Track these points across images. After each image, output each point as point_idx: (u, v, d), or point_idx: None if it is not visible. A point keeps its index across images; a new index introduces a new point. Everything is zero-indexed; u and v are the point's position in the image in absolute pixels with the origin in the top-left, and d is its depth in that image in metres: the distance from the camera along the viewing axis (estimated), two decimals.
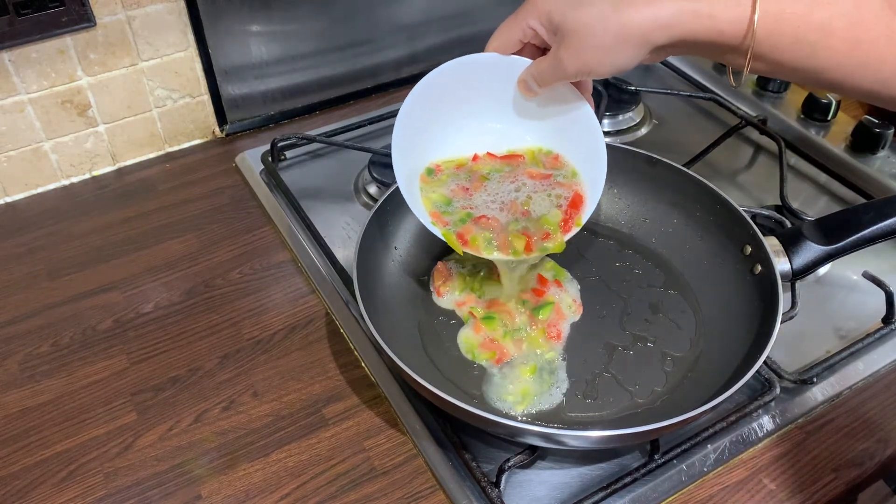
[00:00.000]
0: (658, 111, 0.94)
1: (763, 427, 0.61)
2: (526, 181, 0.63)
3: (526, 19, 0.56)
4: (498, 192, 0.63)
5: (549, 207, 0.61)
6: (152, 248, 0.77)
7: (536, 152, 0.64)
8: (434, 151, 0.64)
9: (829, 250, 0.62)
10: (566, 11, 0.52)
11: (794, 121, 0.91)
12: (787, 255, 0.62)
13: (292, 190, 0.80)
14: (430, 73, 0.61)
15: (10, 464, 0.59)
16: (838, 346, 0.66)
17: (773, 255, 0.61)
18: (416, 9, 0.94)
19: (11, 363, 0.66)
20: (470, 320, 0.65)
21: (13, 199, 0.83)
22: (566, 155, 0.63)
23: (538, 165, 0.64)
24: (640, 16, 0.49)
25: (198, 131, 0.90)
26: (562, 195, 0.62)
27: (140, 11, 0.78)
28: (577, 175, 0.63)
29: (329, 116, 0.94)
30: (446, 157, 0.64)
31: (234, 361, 0.66)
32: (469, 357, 0.63)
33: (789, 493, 0.57)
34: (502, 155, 0.64)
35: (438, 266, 0.69)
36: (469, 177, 0.63)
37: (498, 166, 0.64)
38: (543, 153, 0.64)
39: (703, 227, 0.69)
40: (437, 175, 0.64)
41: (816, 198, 0.83)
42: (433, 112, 0.62)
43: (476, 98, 0.62)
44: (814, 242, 0.62)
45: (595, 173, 0.61)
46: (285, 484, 0.58)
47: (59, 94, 0.78)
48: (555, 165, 0.64)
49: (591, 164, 0.61)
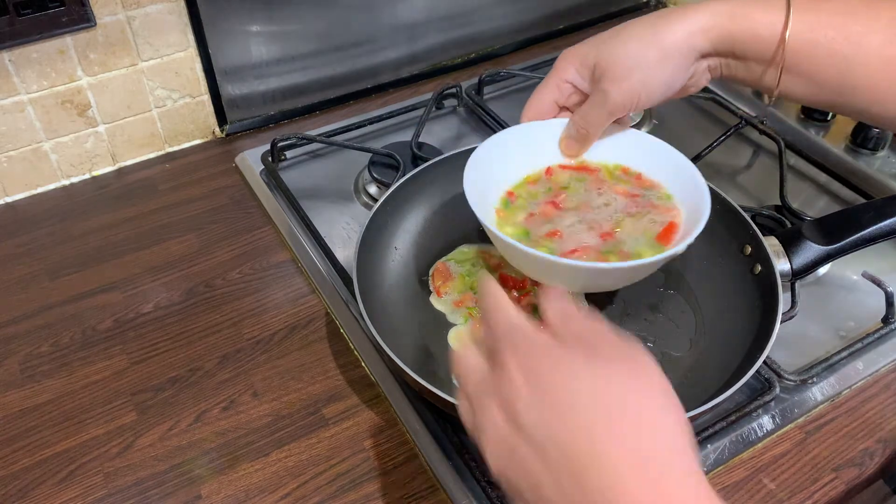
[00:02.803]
0: (658, 111, 0.94)
1: (763, 427, 0.61)
2: (615, 196, 0.59)
3: (559, 76, 0.55)
4: (583, 203, 0.58)
5: (643, 239, 0.56)
6: (152, 248, 0.77)
7: (613, 168, 0.61)
8: (504, 182, 0.60)
9: (829, 250, 0.62)
10: (601, 47, 0.52)
11: (794, 121, 0.91)
12: (787, 254, 0.62)
13: (292, 190, 0.80)
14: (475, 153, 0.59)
15: (10, 464, 0.59)
16: (838, 346, 0.66)
17: (773, 254, 0.61)
18: (416, 9, 0.94)
19: (11, 363, 0.66)
20: (469, 320, 0.65)
21: (13, 199, 0.83)
22: (653, 176, 0.60)
23: (620, 182, 0.60)
24: (678, 26, 0.48)
25: (198, 131, 0.90)
26: (657, 220, 0.57)
27: (140, 11, 0.78)
28: (672, 199, 0.58)
29: (329, 116, 0.94)
30: (518, 180, 0.61)
31: (234, 361, 0.66)
32: None
33: (789, 492, 0.57)
34: (576, 165, 0.61)
35: (438, 265, 0.69)
36: (547, 192, 0.59)
37: (577, 176, 0.60)
38: (621, 169, 0.61)
39: (704, 228, 0.69)
40: (513, 202, 0.59)
41: (816, 198, 0.83)
42: (493, 171, 0.59)
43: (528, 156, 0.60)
44: (813, 242, 0.62)
45: (694, 202, 0.55)
46: (285, 484, 0.58)
47: (59, 94, 0.78)
48: (642, 185, 0.60)
49: (686, 191, 0.57)
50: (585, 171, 0.61)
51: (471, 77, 0.97)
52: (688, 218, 0.56)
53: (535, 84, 0.96)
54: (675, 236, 0.55)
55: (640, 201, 0.58)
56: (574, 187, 0.60)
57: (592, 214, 0.58)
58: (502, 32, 1.03)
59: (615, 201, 0.59)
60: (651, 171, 0.60)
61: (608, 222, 0.57)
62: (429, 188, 0.71)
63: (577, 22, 1.08)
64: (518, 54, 1.04)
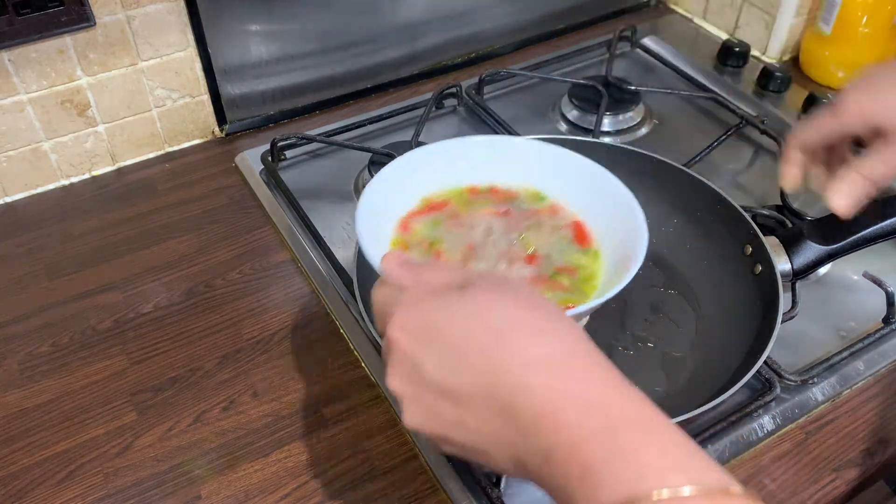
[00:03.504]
0: (658, 110, 0.94)
1: (763, 427, 0.61)
2: (488, 222, 0.57)
3: (840, 122, 0.56)
4: (467, 247, 0.54)
5: (566, 248, 0.56)
6: (152, 248, 0.77)
7: (528, 195, 0.60)
8: (399, 211, 0.59)
9: (830, 250, 0.62)
10: (885, 102, 0.53)
11: (795, 120, 0.90)
12: (788, 254, 0.62)
13: (292, 190, 0.80)
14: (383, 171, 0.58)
15: (9, 464, 0.59)
16: (838, 346, 0.66)
17: (774, 254, 0.61)
18: (416, 9, 0.94)
19: (11, 363, 0.66)
20: None
21: (12, 200, 0.83)
22: (576, 210, 0.59)
23: (479, 205, 0.58)
24: None
25: (197, 131, 0.90)
26: (557, 225, 0.57)
27: (140, 11, 0.77)
28: (543, 196, 0.59)
29: (329, 116, 0.93)
30: (413, 207, 0.59)
31: (234, 361, 0.66)
32: None
33: (790, 493, 0.57)
34: (422, 207, 0.58)
35: None
36: (427, 251, 0.55)
37: (433, 220, 0.57)
38: (536, 196, 0.59)
39: (704, 228, 0.69)
40: (408, 233, 0.57)
41: (817, 198, 0.82)
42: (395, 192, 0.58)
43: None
44: (814, 242, 0.62)
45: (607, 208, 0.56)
46: (285, 484, 0.58)
47: (58, 93, 0.78)
48: (499, 197, 0.59)
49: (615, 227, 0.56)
50: (434, 210, 0.59)
51: (471, 77, 0.97)
52: (597, 223, 0.58)
53: (535, 84, 0.98)
54: (589, 234, 0.58)
55: (516, 214, 0.59)
56: (438, 237, 0.57)
57: (493, 249, 0.56)
58: (502, 32, 1.03)
59: (494, 226, 0.57)
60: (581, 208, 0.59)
61: (516, 248, 0.56)
62: None
63: (578, 22, 1.08)
64: (518, 54, 1.04)
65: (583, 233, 0.58)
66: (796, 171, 0.60)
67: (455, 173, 0.60)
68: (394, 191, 0.57)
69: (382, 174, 0.57)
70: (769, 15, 1.00)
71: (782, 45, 1.00)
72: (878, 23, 0.92)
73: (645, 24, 1.08)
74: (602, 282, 0.54)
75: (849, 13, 0.92)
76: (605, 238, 0.57)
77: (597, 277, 0.55)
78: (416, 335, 0.38)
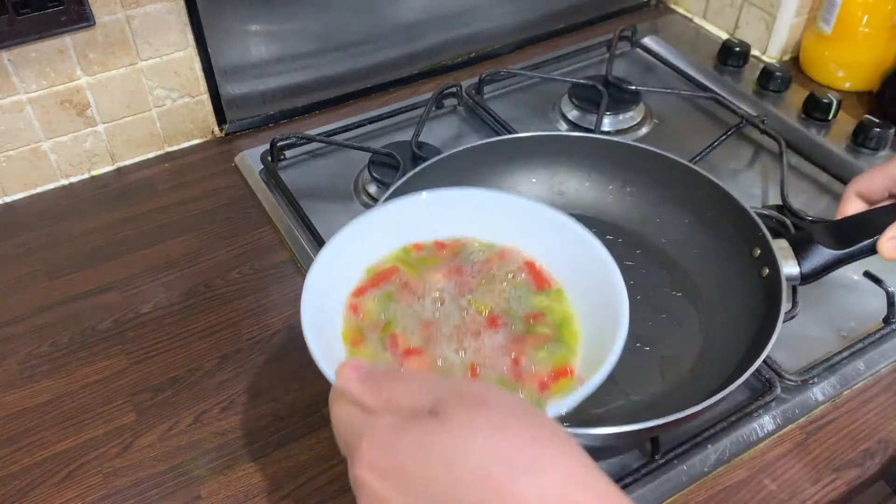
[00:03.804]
0: (658, 110, 0.94)
1: (763, 427, 0.61)
2: (432, 286, 0.52)
3: (890, 175, 0.57)
4: (422, 322, 0.49)
5: (525, 296, 0.51)
6: (152, 248, 0.77)
7: (476, 245, 0.55)
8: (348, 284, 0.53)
9: (840, 255, 0.60)
10: None
11: (795, 120, 0.90)
12: (797, 258, 0.60)
13: (292, 190, 0.80)
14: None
15: (9, 464, 0.59)
16: (839, 346, 0.66)
17: (782, 257, 0.60)
18: (416, 8, 0.94)
19: (10, 363, 0.66)
20: None
21: (12, 199, 0.83)
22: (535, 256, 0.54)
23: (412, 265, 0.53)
24: None
25: (197, 131, 0.90)
26: (508, 269, 0.53)
27: (139, 11, 0.77)
28: (477, 240, 0.54)
29: (329, 116, 0.93)
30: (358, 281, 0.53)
31: (234, 361, 0.66)
32: None
33: (790, 493, 0.57)
34: (368, 279, 0.53)
35: None
36: (381, 339, 0.49)
37: (381, 294, 0.52)
38: (484, 246, 0.55)
39: (713, 229, 0.68)
40: (359, 317, 0.51)
41: (818, 198, 0.83)
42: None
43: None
44: (824, 246, 0.60)
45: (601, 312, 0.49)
46: (285, 484, 0.57)
47: (58, 93, 0.78)
48: (422, 249, 0.54)
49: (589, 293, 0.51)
50: (383, 281, 0.53)
51: (471, 76, 0.97)
52: (552, 260, 0.53)
53: (535, 83, 0.98)
54: (545, 273, 0.53)
55: (466, 271, 0.53)
56: (392, 316, 0.51)
57: (449, 323, 0.50)
58: (502, 32, 1.02)
59: (445, 293, 0.52)
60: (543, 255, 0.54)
61: (472, 314, 0.50)
62: (430, 187, 0.71)
63: (577, 22, 1.08)
64: (518, 54, 1.03)
65: (538, 273, 0.53)
66: (850, 212, 0.61)
67: (398, 234, 0.55)
68: (338, 267, 0.51)
69: (321, 257, 0.50)
70: (769, 15, 1.00)
71: (782, 44, 1.00)
72: (878, 23, 0.92)
73: (645, 23, 1.08)
74: (584, 328, 0.50)
75: (849, 13, 0.92)
76: (567, 276, 0.53)
77: (573, 321, 0.50)
78: (389, 479, 0.34)
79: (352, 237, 0.52)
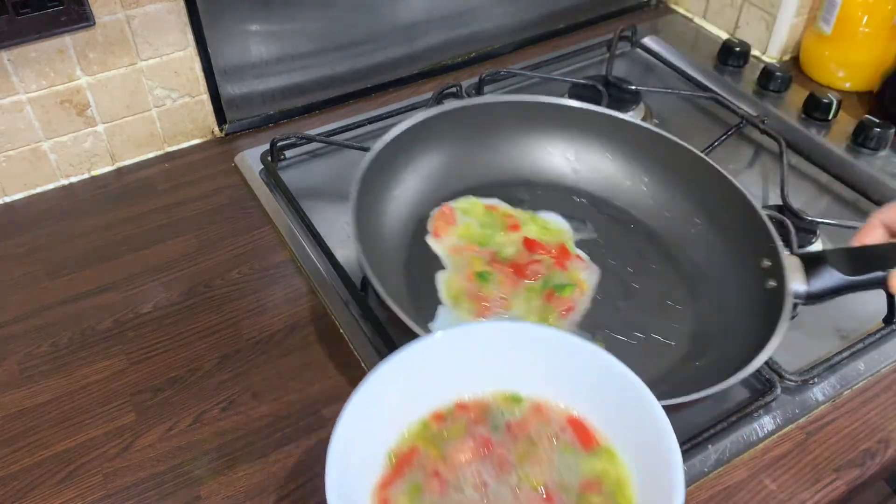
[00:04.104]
0: (658, 110, 0.94)
1: (764, 427, 0.61)
2: (482, 465, 0.46)
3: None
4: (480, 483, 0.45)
5: (566, 455, 0.47)
6: (152, 248, 0.77)
7: (501, 403, 0.49)
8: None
9: (851, 281, 0.59)
10: None
11: (795, 120, 0.90)
12: (807, 276, 0.60)
13: (292, 190, 0.80)
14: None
15: (9, 464, 0.59)
16: (839, 347, 0.66)
17: (791, 273, 0.60)
18: (416, 8, 0.94)
19: (10, 363, 0.66)
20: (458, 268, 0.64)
21: (12, 199, 0.83)
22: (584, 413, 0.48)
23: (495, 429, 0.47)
24: None
25: (197, 131, 0.90)
26: (555, 431, 0.48)
27: (139, 11, 0.77)
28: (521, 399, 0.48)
29: (329, 116, 0.93)
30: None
31: (234, 362, 0.66)
32: (450, 304, 0.63)
33: (790, 493, 0.57)
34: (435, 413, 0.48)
35: (444, 208, 0.69)
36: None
37: (434, 434, 0.47)
38: (511, 400, 0.49)
39: (724, 232, 0.68)
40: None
41: (818, 198, 0.83)
42: None
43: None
44: (837, 270, 0.59)
45: None
46: (285, 484, 0.57)
47: (58, 93, 0.78)
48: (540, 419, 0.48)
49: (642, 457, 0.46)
50: (406, 467, 0.47)
51: (471, 76, 0.97)
52: (596, 410, 0.48)
53: (535, 83, 0.98)
54: (590, 428, 0.48)
55: (497, 443, 0.47)
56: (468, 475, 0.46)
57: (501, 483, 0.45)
58: (502, 32, 1.02)
59: (484, 476, 0.46)
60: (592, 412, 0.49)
61: (527, 494, 0.45)
62: (440, 134, 0.72)
63: (578, 21, 1.08)
64: (518, 54, 1.03)
65: (582, 429, 0.48)
66: (869, 240, 0.60)
67: (414, 395, 0.49)
68: (357, 454, 0.45)
69: (334, 447, 0.45)
70: (769, 15, 1.00)
71: (782, 44, 1.00)
72: (878, 23, 0.92)
73: (645, 23, 1.08)
74: (639, 492, 0.45)
75: (849, 13, 0.92)
76: (613, 428, 0.48)
77: (627, 484, 0.46)
78: None
79: (364, 410, 0.46)
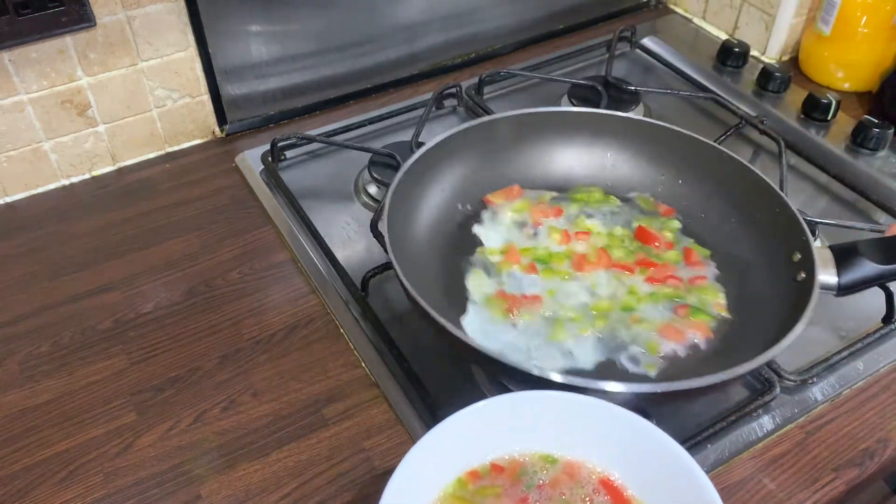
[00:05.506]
0: (658, 111, 0.94)
1: (763, 427, 0.61)
2: None
3: None
4: None
5: None
6: (152, 248, 0.77)
7: (536, 462, 0.49)
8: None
9: (884, 270, 0.58)
10: None
11: (794, 120, 0.91)
12: (837, 268, 0.59)
13: (292, 190, 0.80)
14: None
15: (9, 464, 0.59)
16: (838, 346, 0.66)
17: (822, 265, 0.59)
18: (416, 9, 0.94)
19: (11, 363, 0.66)
20: None
21: (13, 199, 0.83)
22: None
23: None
24: None
25: (198, 131, 0.90)
26: (588, 493, 0.48)
27: (140, 11, 0.78)
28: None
29: (329, 116, 0.93)
30: None
31: (234, 361, 0.66)
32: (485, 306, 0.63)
33: (789, 492, 0.57)
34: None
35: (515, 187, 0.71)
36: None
37: (471, 492, 0.48)
38: (545, 460, 0.49)
39: (757, 228, 0.67)
40: None
41: (817, 198, 0.83)
42: None
43: None
44: (869, 260, 0.58)
45: None
46: (285, 484, 0.58)
47: (58, 94, 0.78)
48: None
49: None
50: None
51: (471, 77, 0.97)
52: (628, 472, 0.49)
53: (535, 84, 0.98)
54: (622, 490, 0.48)
55: (517, 496, 0.48)
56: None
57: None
58: (502, 32, 1.03)
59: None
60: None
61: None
62: (466, 151, 0.72)
63: (577, 22, 1.08)
64: (518, 54, 1.04)
65: (617, 493, 0.48)
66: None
67: (452, 458, 0.49)
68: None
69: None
70: (769, 15, 1.00)
71: (782, 45, 1.01)
72: (877, 23, 0.92)
73: (645, 24, 1.08)
74: None
75: (848, 13, 0.92)
76: (652, 493, 0.47)
77: None
78: None
79: (407, 481, 0.45)
